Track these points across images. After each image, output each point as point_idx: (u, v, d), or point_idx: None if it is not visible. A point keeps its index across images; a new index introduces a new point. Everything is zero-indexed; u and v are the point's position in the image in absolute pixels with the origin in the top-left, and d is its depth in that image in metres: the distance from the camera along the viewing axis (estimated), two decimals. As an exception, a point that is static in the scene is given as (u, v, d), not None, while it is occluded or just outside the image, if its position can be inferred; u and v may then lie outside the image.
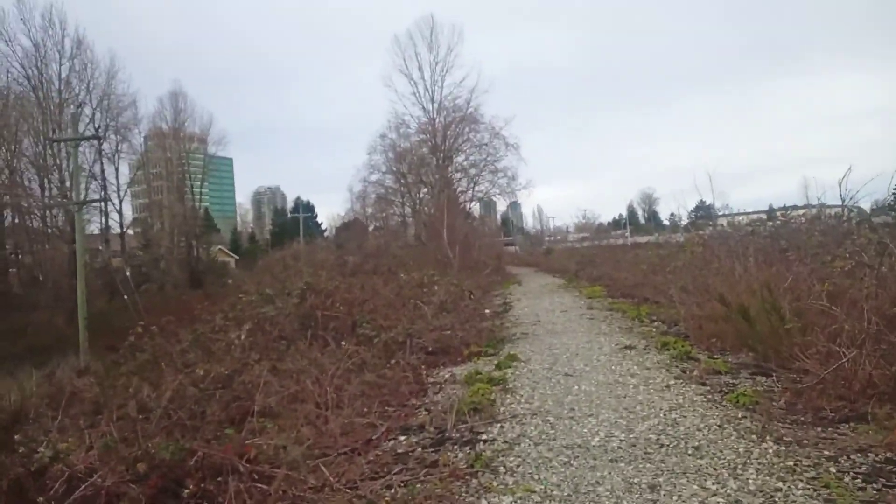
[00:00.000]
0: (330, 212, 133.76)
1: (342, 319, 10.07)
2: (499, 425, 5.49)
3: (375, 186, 47.41)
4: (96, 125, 46.58)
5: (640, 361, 7.99)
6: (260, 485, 4.34)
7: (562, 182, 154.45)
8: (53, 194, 44.67)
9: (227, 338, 9.38)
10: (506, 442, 4.98)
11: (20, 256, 45.20)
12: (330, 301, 10.27)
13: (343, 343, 9.06)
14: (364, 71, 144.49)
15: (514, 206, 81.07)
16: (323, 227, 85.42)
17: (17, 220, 44.68)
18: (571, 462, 4.40)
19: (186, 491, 4.09)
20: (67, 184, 41.50)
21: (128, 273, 42.21)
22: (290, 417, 6.29)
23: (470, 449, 4.86)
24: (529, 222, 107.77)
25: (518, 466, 4.38)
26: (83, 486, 3.69)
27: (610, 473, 4.13)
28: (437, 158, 42.79)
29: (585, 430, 5.13)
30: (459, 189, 43.56)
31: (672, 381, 6.69)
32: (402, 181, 45.50)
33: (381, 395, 7.03)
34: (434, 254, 25.01)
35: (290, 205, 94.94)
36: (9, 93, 44.10)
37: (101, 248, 47.11)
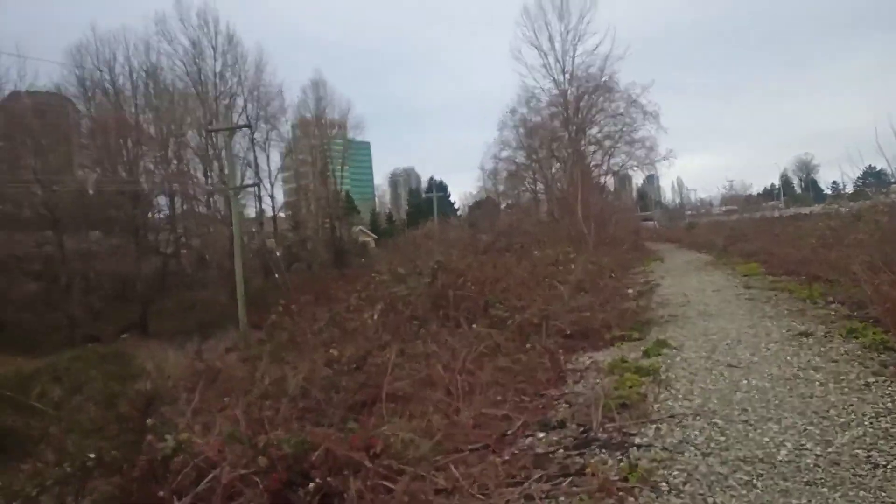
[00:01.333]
0: (462, 191, 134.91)
1: (474, 299, 9.64)
2: (654, 426, 4.72)
3: (506, 163, 46.70)
4: (248, 115, 50.04)
5: (822, 352, 6.75)
6: (386, 482, 3.98)
7: (705, 151, 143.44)
8: (214, 181, 48.76)
9: (361, 318, 9.31)
10: (665, 449, 4.21)
11: (189, 239, 49.91)
12: (461, 280, 9.87)
13: (474, 325, 8.63)
14: (496, 46, 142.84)
15: (652, 178, 76.76)
16: (456, 205, 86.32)
17: (185, 206, 49.34)
18: (754, 482, 3.55)
19: (311, 485, 3.83)
20: (226, 171, 45.03)
21: (278, 254, 45.05)
22: (420, 404, 5.95)
23: (621, 455, 4.16)
24: (668, 196, 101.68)
25: (685, 484, 3.61)
26: (205, 480, 3.48)
27: (810, 502, 3.26)
28: (569, 131, 41.07)
29: (766, 440, 4.21)
30: (593, 163, 41.62)
31: (871, 379, 5.49)
32: (534, 157, 44.34)
33: (515, 382, 6.48)
34: (568, 230, 23.95)
35: (424, 185, 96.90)
36: (174, 89, 48.52)
37: (254, 230, 50.67)
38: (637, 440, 4.44)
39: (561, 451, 4.39)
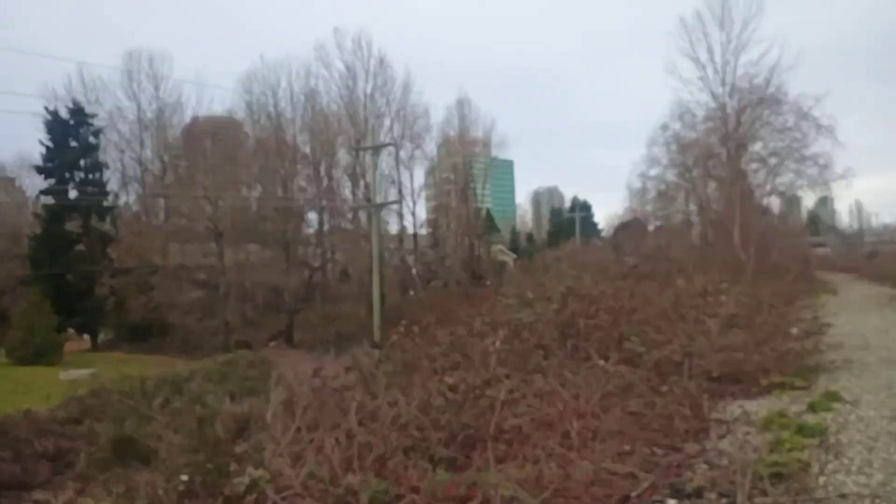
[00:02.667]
0: (608, 211, 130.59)
1: (607, 330, 8.81)
2: (820, 509, 3.76)
3: (655, 182, 43.97)
4: (394, 134, 52.11)
5: None
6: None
7: (890, 171, 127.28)
8: (360, 199, 51.17)
9: (483, 343, 8.84)
10: (835, 544, 3.29)
11: (334, 254, 52.69)
12: (594, 308, 9.08)
13: (604, 360, 7.83)
14: (645, 63, 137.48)
15: (825, 201, 69.05)
16: (599, 226, 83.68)
17: (332, 223, 52.24)
18: None
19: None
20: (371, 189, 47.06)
21: (413, 271, 46.07)
22: (534, 448, 5.34)
23: (776, 546, 3.30)
24: (845, 220, 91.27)
25: None
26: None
27: None
28: (727, 148, 37.82)
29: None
30: (755, 182, 37.94)
31: None
32: (686, 175, 41.45)
33: (647, 431, 5.66)
34: (723, 256, 21.87)
35: (567, 205, 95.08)
36: (328, 111, 51.78)
37: (393, 247, 52.39)
38: (798, 527, 3.53)
39: (696, 529, 3.59)
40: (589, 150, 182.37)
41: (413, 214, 57.75)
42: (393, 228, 55.76)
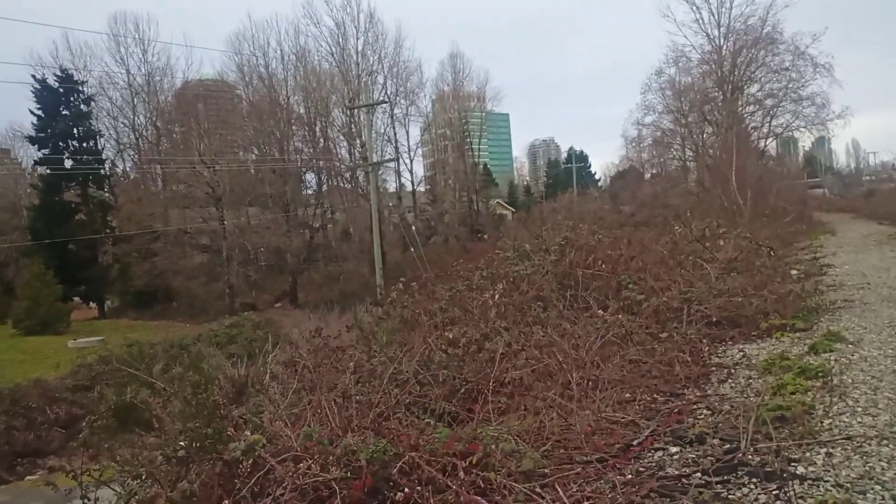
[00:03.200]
0: (604, 161, 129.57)
1: (605, 279, 8.75)
2: (823, 451, 3.73)
3: (651, 129, 43.47)
4: (388, 92, 51.24)
5: None
6: (478, 497, 3.45)
7: (888, 110, 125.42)
8: (357, 158, 50.68)
9: (482, 297, 8.79)
10: (839, 486, 3.26)
11: (334, 214, 52.50)
12: (591, 258, 9.00)
13: (602, 309, 7.79)
14: (638, 9, 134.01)
15: (821, 142, 68.50)
16: (597, 176, 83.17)
17: (330, 182, 51.88)
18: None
19: (399, 495, 3.40)
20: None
21: (413, 228, 45.96)
22: (534, 399, 5.34)
23: (778, 489, 3.28)
24: (842, 160, 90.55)
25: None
26: (277, 488, 3.15)
27: None
28: (723, 91, 37.14)
29: None
30: (752, 125, 37.42)
31: None
32: (682, 121, 40.87)
33: (647, 379, 5.65)
34: (720, 201, 21.66)
35: (563, 156, 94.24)
36: (320, 70, 50.79)
37: (392, 205, 52.17)
38: (800, 469, 3.51)
39: (698, 474, 3.58)
40: (585, 102, 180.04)
41: (411, 171, 57.43)
42: (391, 186, 55.49)
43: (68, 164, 43.47)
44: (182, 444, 3.83)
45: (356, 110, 45.77)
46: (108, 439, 5.85)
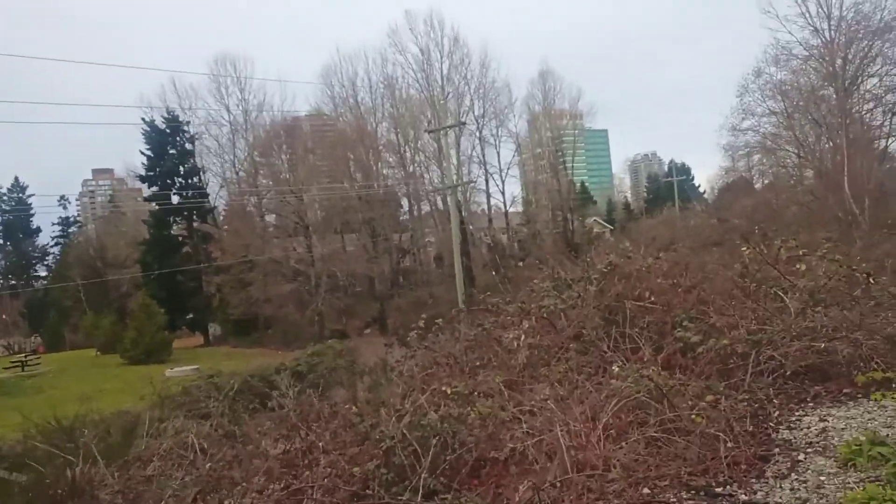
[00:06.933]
0: (711, 173, 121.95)
1: (659, 314, 7.15)
2: None
3: (751, 135, 39.37)
4: (475, 113, 50.70)
5: None
6: None
7: None
8: (444, 181, 50.36)
9: (508, 337, 7.48)
10: None
11: (423, 238, 52.35)
12: (643, 287, 7.43)
13: (656, 350, 6.28)
14: (737, 12, 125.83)
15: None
16: (702, 189, 78.09)
17: (418, 207, 51.88)
18: None
19: None
20: (452, 170, 45.99)
21: (503, 249, 44.72)
22: (516, 489, 4.05)
23: None
24: None
25: None
26: None
27: None
28: (836, 88, 33.02)
29: None
30: (871, 124, 32.94)
31: None
32: (786, 123, 36.76)
33: (677, 462, 4.16)
34: (832, 211, 18.77)
35: (665, 169, 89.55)
36: (407, 96, 51.19)
37: (484, 227, 51.31)
38: None
39: None
40: (689, 114, 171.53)
41: (503, 192, 56.30)
42: (483, 208, 54.60)
43: (175, 199, 46.22)
44: None
45: (443, 135, 45.51)
46: None
